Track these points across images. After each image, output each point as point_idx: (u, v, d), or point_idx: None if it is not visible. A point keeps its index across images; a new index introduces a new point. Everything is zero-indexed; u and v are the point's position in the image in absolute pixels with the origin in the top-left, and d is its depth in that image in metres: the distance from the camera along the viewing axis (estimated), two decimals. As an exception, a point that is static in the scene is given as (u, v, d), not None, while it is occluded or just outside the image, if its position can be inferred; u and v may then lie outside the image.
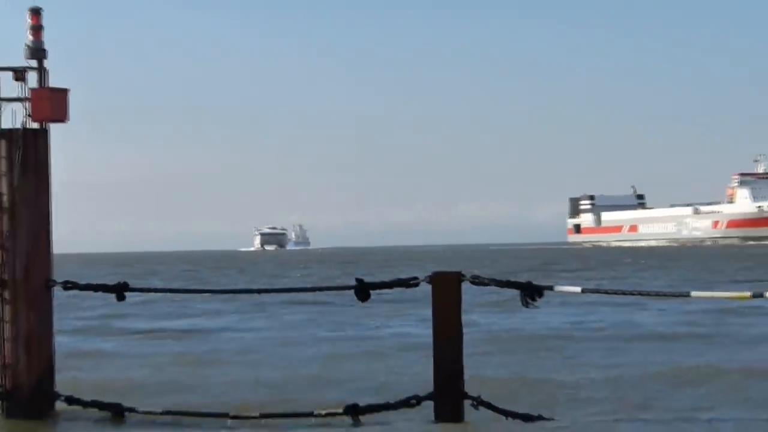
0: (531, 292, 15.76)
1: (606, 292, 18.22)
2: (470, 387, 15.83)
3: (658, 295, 17.82)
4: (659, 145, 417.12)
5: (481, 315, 36.25)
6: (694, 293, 16.99)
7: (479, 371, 19.61)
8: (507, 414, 15.98)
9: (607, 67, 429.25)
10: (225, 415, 16.75)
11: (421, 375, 15.95)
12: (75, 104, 16.94)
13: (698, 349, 26.02)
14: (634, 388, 19.77)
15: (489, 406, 15.86)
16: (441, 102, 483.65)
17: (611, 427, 15.84)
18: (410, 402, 16.08)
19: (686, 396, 18.91)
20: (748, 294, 16.25)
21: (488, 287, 16.32)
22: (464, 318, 15.95)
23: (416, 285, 16.11)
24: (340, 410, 16.44)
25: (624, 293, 17.67)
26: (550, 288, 16.20)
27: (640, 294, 17.92)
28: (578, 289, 16.93)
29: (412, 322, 34.27)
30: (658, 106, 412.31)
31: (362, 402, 16.60)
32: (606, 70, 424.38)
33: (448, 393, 15.67)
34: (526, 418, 16.00)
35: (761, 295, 16.06)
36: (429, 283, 15.80)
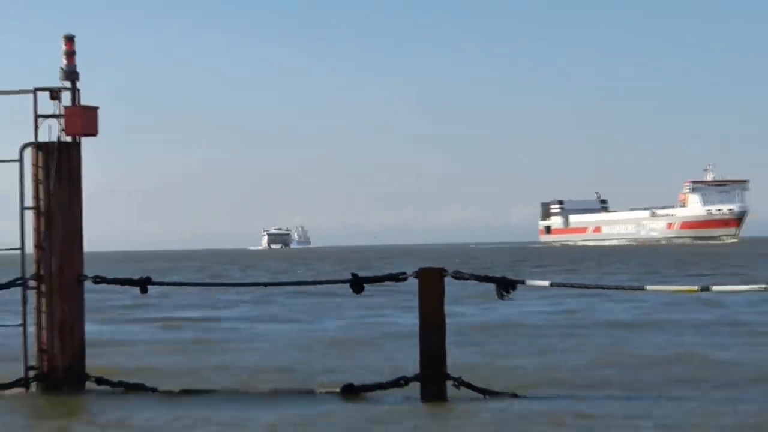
0: (505, 286, 15.87)
1: (572, 286, 18.38)
2: (452, 369, 15.92)
3: (617, 288, 17.88)
4: (620, 155, 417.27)
5: (466, 306, 36.29)
6: (648, 287, 17.10)
7: (461, 355, 19.66)
8: (485, 392, 16.07)
9: (578, 88, 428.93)
10: (236, 393, 16.87)
11: (416, 360, 16.04)
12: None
13: (661, 335, 26.09)
14: (605, 369, 19.78)
15: (469, 386, 15.95)
16: (434, 118, 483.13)
17: (579, 404, 15.89)
18: (399, 382, 16.16)
19: (654, 377, 18.87)
20: (696, 288, 16.36)
21: (470, 281, 16.39)
22: (449, 308, 16.02)
23: (404, 279, 16.17)
24: (338, 389, 16.57)
25: (587, 287, 17.81)
26: (522, 282, 16.28)
27: (602, 288, 18.07)
28: (547, 283, 17.01)
29: (407, 312, 34.29)
30: (620, 120, 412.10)
31: (357, 382, 16.71)
32: (576, 91, 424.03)
33: (433, 374, 15.76)
34: (502, 396, 16.08)
35: (707, 289, 16.20)
36: (416, 277, 15.89)
